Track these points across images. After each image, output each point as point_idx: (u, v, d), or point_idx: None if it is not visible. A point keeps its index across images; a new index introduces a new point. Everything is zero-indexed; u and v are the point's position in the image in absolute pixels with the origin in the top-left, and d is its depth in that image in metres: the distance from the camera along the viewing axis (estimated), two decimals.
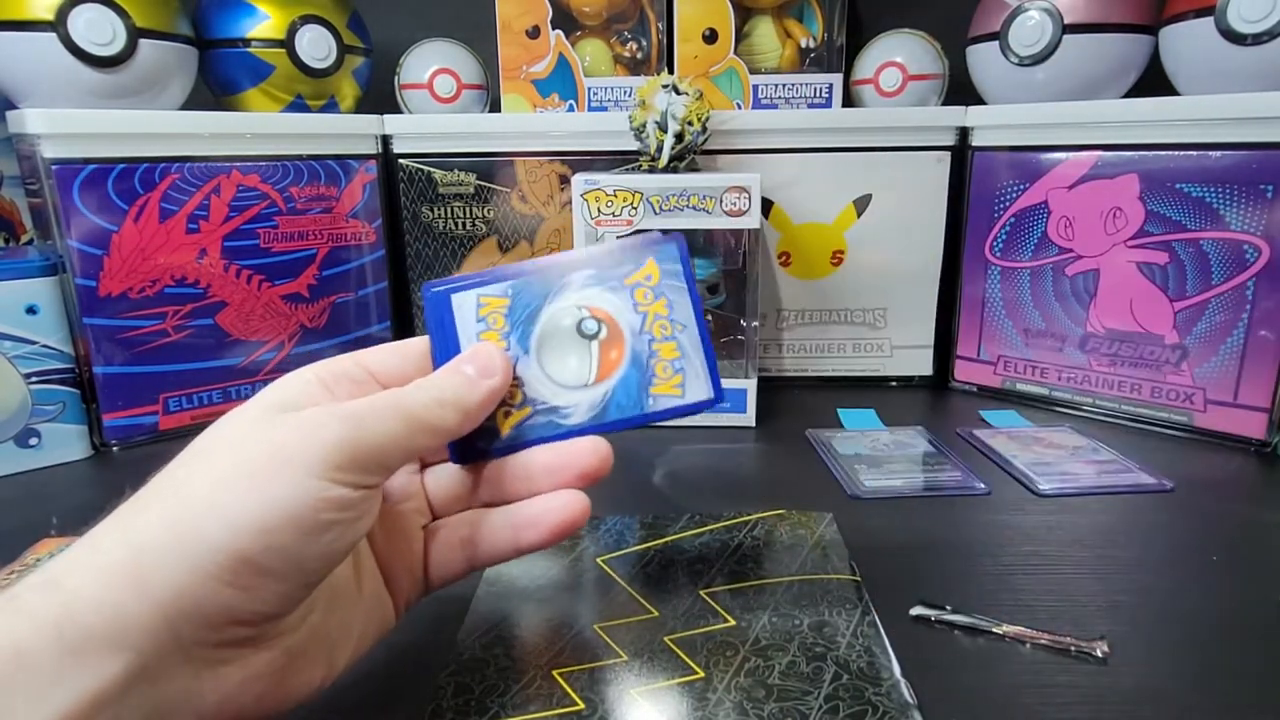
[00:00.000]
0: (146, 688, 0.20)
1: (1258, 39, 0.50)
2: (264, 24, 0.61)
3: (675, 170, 0.59)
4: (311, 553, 0.22)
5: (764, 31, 0.68)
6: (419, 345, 0.29)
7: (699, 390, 0.30)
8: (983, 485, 0.47)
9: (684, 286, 0.29)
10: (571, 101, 0.68)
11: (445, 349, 0.29)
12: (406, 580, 0.29)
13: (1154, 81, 0.59)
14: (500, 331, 0.29)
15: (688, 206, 0.55)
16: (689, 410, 0.30)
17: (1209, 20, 0.52)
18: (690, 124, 0.58)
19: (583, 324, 0.29)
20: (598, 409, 0.29)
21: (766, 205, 0.66)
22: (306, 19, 0.62)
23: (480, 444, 0.29)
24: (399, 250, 0.69)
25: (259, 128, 0.59)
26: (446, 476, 0.31)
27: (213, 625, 0.21)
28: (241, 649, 0.22)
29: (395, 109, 0.69)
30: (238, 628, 0.22)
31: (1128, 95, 0.60)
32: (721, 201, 0.55)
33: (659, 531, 0.41)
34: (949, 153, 0.65)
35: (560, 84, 0.68)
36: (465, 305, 0.29)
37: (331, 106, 0.66)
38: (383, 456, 0.24)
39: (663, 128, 0.58)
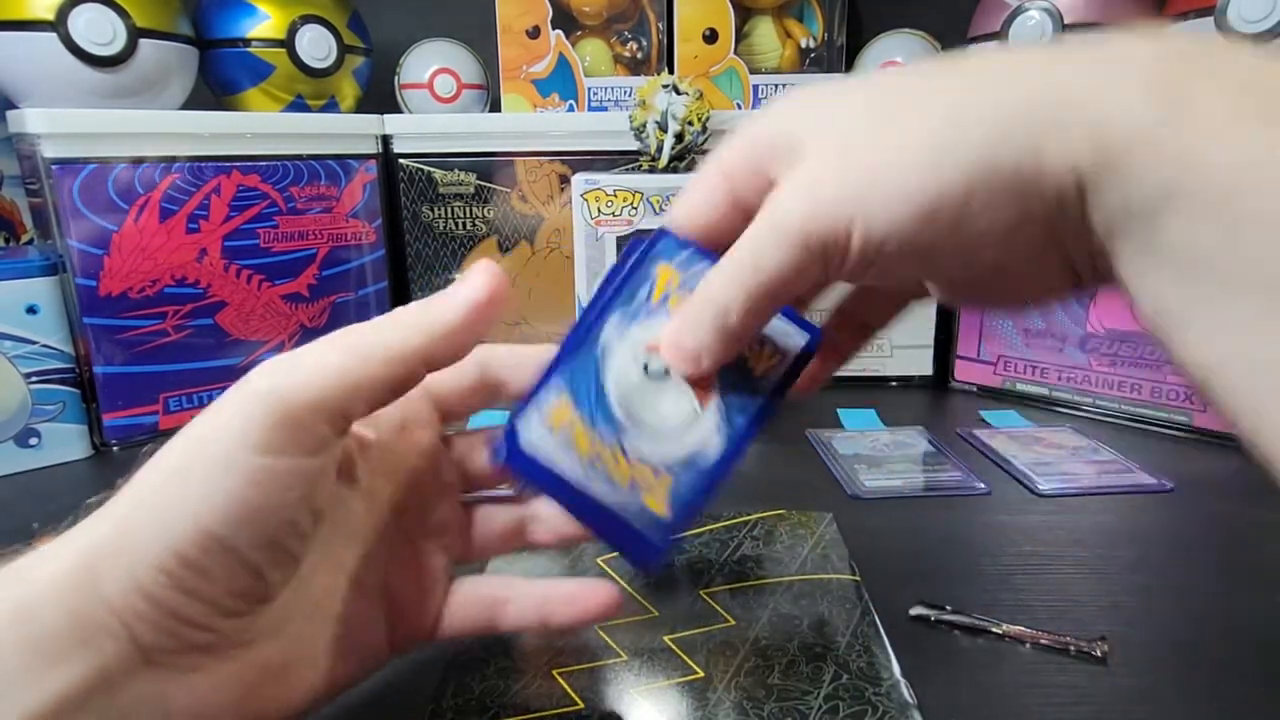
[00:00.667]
0: (110, 694, 0.20)
1: (1258, 39, 0.50)
2: (264, 24, 0.61)
3: (675, 170, 0.59)
4: (248, 541, 0.20)
5: (764, 31, 0.68)
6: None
7: (797, 337, 0.27)
8: (983, 485, 0.47)
9: (705, 262, 0.25)
10: (571, 101, 0.69)
11: (559, 489, 0.25)
12: (412, 619, 0.27)
13: None
14: (584, 430, 0.25)
15: None
16: (796, 362, 0.27)
17: (1209, 20, 0.52)
18: (690, 124, 0.58)
19: (649, 367, 0.26)
20: (725, 424, 0.26)
21: None
22: (307, 19, 0.62)
23: (656, 542, 0.25)
24: (399, 250, 0.69)
25: (259, 128, 0.59)
26: (499, 518, 0.29)
27: (165, 629, 0.20)
28: (205, 656, 0.21)
29: (395, 109, 0.69)
30: (193, 630, 0.21)
31: None
32: None
33: None
34: None
35: (560, 84, 0.68)
36: (536, 434, 0.25)
37: (332, 106, 0.66)
38: (322, 404, 0.21)
39: (663, 128, 0.58)
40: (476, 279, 0.23)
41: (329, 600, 0.25)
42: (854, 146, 0.21)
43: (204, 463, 0.20)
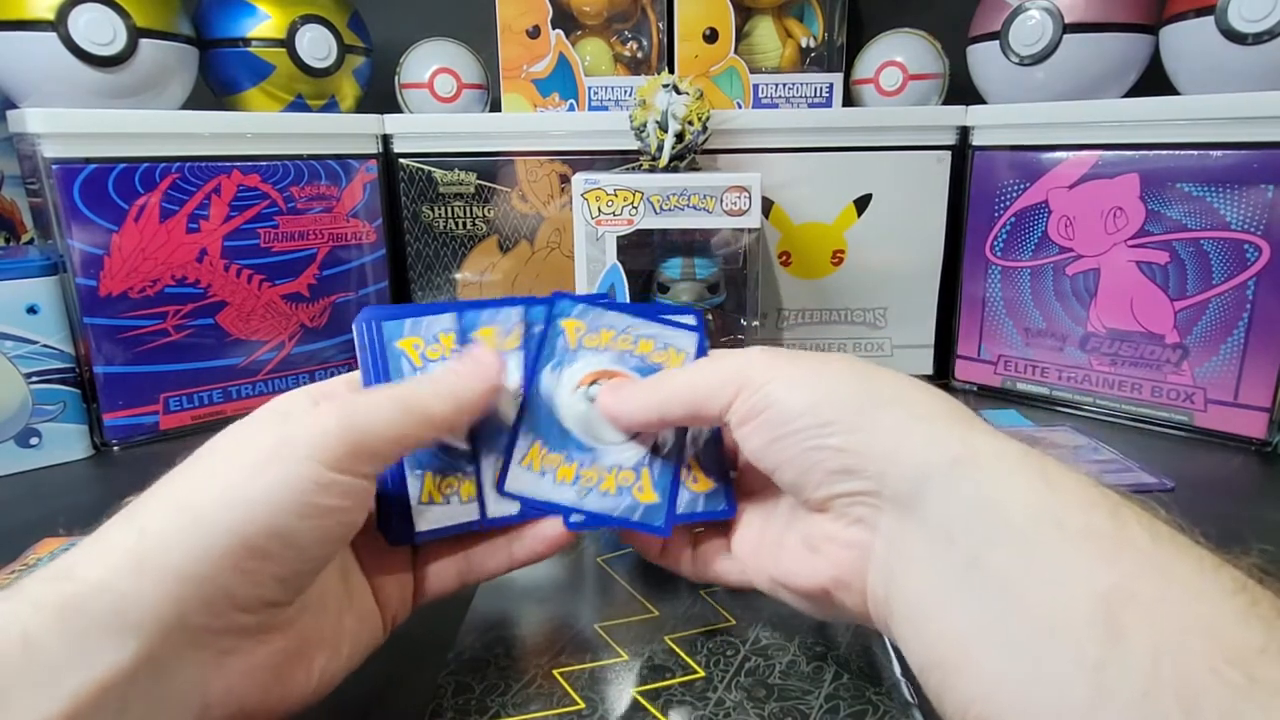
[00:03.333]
0: (154, 676, 0.20)
1: (1258, 38, 0.50)
2: (264, 24, 0.61)
3: (676, 170, 0.59)
4: (310, 538, 0.23)
5: (764, 31, 0.68)
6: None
7: (689, 336, 0.33)
8: None
9: (599, 308, 0.32)
10: (572, 101, 0.68)
11: (564, 513, 0.30)
12: (395, 592, 0.29)
13: (1154, 81, 0.59)
14: (565, 465, 0.30)
15: (688, 206, 0.55)
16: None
17: (1209, 20, 0.52)
18: (691, 123, 0.58)
19: (590, 396, 0.31)
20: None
21: (767, 205, 0.66)
22: (307, 19, 0.62)
23: (660, 524, 0.30)
24: (399, 250, 0.69)
25: (259, 127, 0.59)
26: None
27: (216, 610, 0.21)
28: (244, 639, 0.23)
29: (396, 109, 0.69)
30: (240, 614, 0.22)
31: (1128, 95, 0.60)
32: (722, 201, 0.55)
33: None
34: (949, 152, 0.65)
35: (561, 83, 0.68)
36: (521, 479, 0.30)
37: (332, 106, 0.66)
38: (379, 444, 0.25)
39: (663, 127, 0.58)
40: (489, 363, 0.28)
41: (335, 592, 0.27)
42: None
43: (281, 465, 0.23)
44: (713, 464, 0.31)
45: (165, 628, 0.20)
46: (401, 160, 0.66)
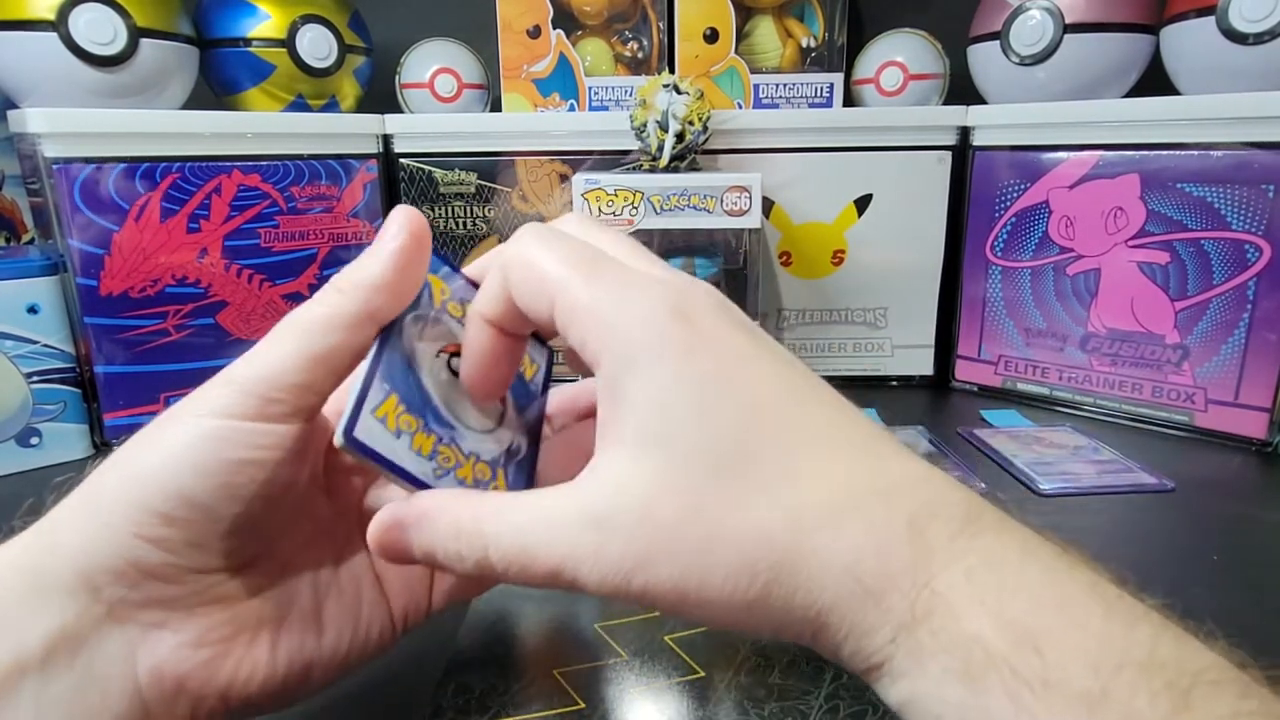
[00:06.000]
0: (76, 653, 0.20)
1: (1259, 38, 0.50)
2: (265, 23, 0.61)
3: (676, 170, 0.59)
4: (214, 496, 0.21)
5: (765, 31, 0.68)
6: None
7: (542, 350, 0.30)
8: (983, 485, 0.47)
9: (460, 279, 0.28)
10: (572, 101, 0.68)
11: (412, 481, 0.24)
12: (404, 584, 0.27)
13: (1155, 81, 0.59)
14: (423, 434, 0.25)
15: (688, 206, 0.55)
16: (548, 367, 0.31)
17: (1210, 20, 0.52)
18: (691, 123, 0.58)
19: (452, 367, 0.27)
20: (519, 418, 0.28)
21: (767, 205, 0.66)
22: (307, 18, 0.62)
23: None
24: None
25: (260, 127, 0.59)
26: None
27: (128, 580, 0.21)
28: (169, 611, 0.22)
29: (396, 108, 0.69)
30: (160, 584, 0.21)
31: (1129, 95, 0.60)
32: (722, 201, 0.55)
33: None
34: (950, 152, 0.65)
35: (561, 83, 0.68)
36: (371, 428, 0.24)
37: (332, 106, 0.66)
38: (280, 376, 0.22)
39: (663, 127, 0.58)
40: (394, 225, 0.24)
41: (312, 564, 0.26)
42: None
43: (172, 426, 0.22)
44: None
45: (79, 603, 0.20)
46: (402, 160, 0.66)
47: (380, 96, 0.70)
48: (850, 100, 0.69)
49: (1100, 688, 0.16)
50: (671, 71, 0.67)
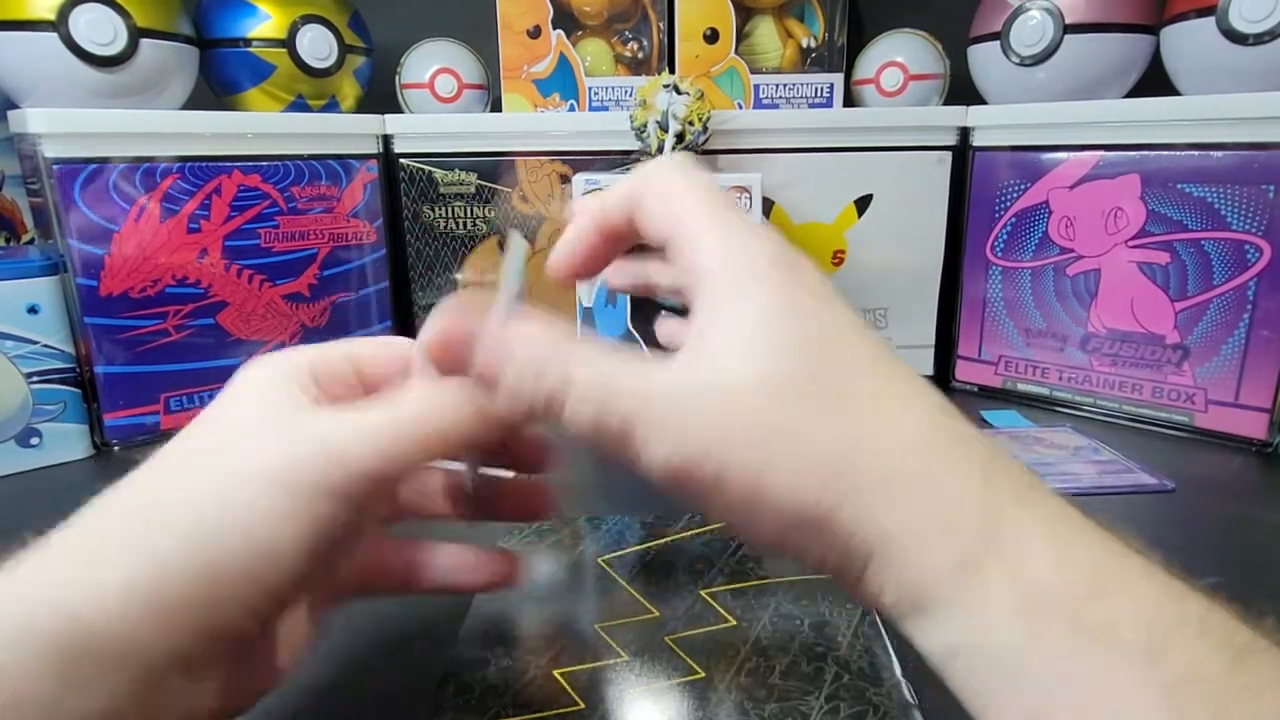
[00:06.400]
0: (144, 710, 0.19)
1: (1259, 39, 0.50)
2: (265, 24, 0.61)
3: None
4: (316, 569, 0.21)
5: (765, 31, 0.68)
6: (406, 345, 0.27)
7: None
8: None
9: None
10: (572, 101, 0.68)
11: None
12: (327, 583, 0.26)
13: (1155, 81, 0.59)
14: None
15: None
16: None
17: (1210, 20, 0.52)
18: (691, 124, 0.58)
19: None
20: None
21: (767, 205, 0.66)
22: (307, 19, 0.62)
23: None
24: (400, 250, 0.69)
25: (260, 127, 0.59)
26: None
27: (220, 642, 0.20)
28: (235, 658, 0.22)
29: (396, 109, 0.69)
30: (235, 643, 0.21)
31: (1129, 95, 0.60)
32: None
33: (659, 531, 0.41)
34: (950, 153, 0.65)
35: (561, 84, 0.68)
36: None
37: (332, 106, 0.66)
38: (397, 476, 0.22)
39: (664, 127, 0.58)
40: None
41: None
42: None
43: (302, 490, 0.21)
44: None
45: (160, 665, 0.19)
46: (402, 160, 0.66)
47: (380, 96, 0.70)
48: (850, 100, 0.69)
49: (1161, 639, 0.17)
50: (672, 72, 0.67)
